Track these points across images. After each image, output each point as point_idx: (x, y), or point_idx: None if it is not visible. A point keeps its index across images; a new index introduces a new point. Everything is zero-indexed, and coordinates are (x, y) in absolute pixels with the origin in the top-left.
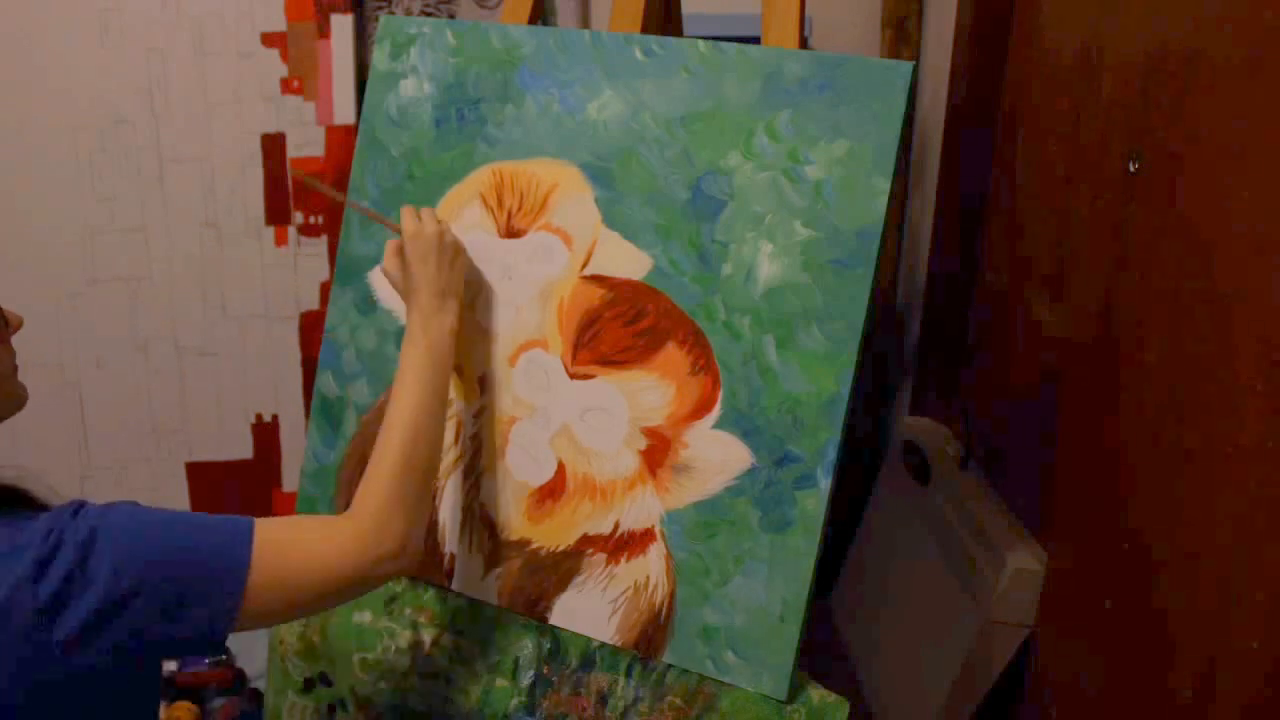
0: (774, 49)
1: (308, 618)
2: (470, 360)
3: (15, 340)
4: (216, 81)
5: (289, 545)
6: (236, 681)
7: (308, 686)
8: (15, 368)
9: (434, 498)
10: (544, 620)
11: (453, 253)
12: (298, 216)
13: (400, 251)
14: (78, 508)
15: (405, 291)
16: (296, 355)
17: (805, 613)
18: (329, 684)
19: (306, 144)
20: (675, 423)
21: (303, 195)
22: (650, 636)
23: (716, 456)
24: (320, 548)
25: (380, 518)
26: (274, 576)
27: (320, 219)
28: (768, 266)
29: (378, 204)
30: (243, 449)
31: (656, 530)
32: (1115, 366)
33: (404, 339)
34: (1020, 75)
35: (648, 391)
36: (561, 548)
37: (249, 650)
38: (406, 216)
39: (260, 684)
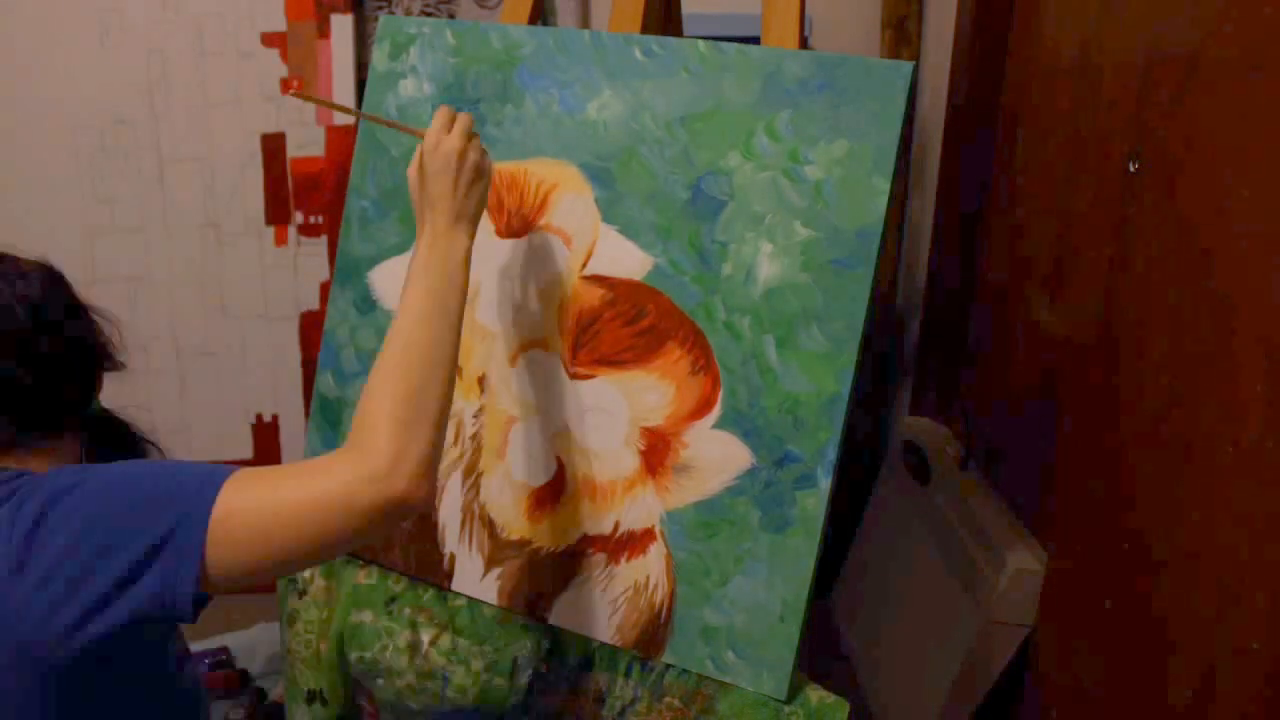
0: (774, 49)
1: (314, 567)
2: (470, 360)
3: None
4: (216, 81)
5: (269, 489)
6: (241, 683)
7: (309, 699)
8: None
9: (443, 427)
10: (544, 620)
11: (472, 174)
12: (298, 216)
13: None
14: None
15: (418, 206)
16: (296, 355)
17: (805, 613)
18: (324, 703)
19: (306, 144)
20: (675, 423)
21: (303, 195)
22: (650, 636)
23: (716, 456)
24: (316, 488)
25: (387, 446)
26: (251, 525)
27: (320, 219)
28: (768, 266)
29: (377, 204)
30: (243, 449)
31: (656, 530)
32: (1115, 366)
33: (411, 259)
34: (1020, 75)
35: (648, 391)
36: (561, 548)
37: (249, 650)
38: (436, 122)
39: (264, 683)
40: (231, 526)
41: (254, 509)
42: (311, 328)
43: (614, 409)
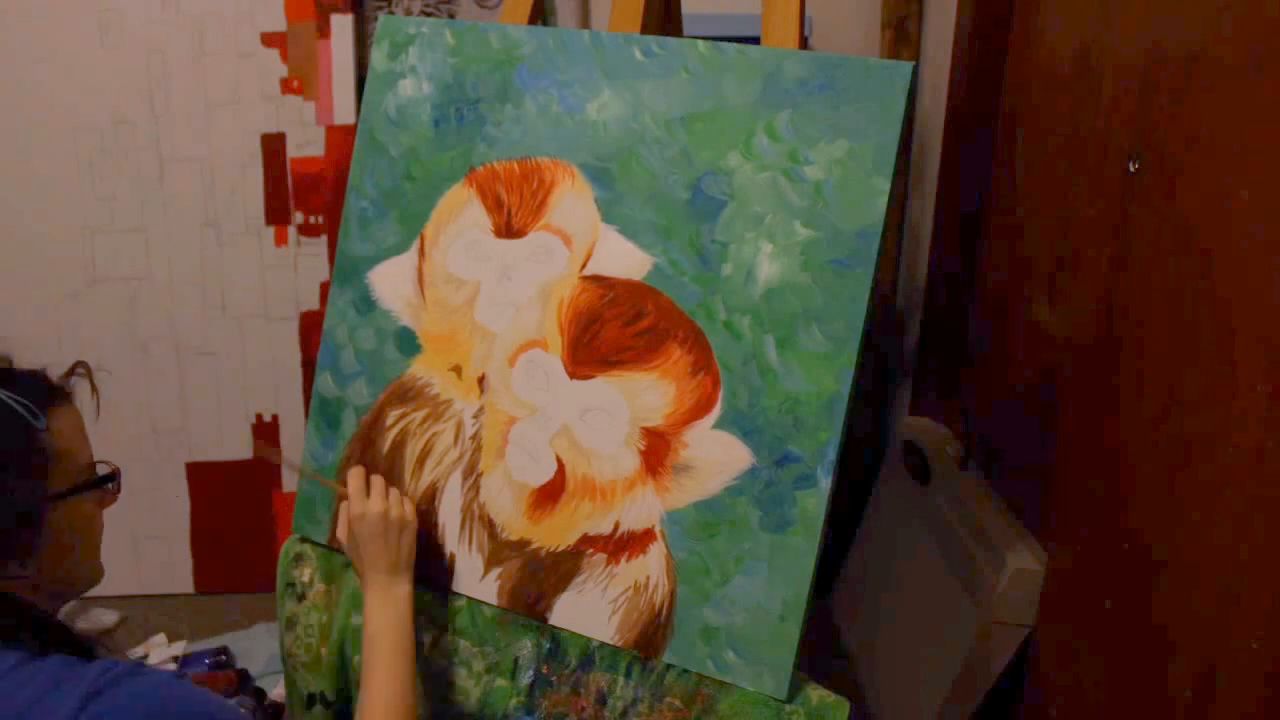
0: (774, 49)
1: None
2: (470, 360)
3: (15, 339)
4: (216, 81)
5: None
6: (241, 683)
7: (310, 703)
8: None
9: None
10: (544, 620)
11: (399, 529)
12: (298, 216)
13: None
14: (115, 676)
15: (357, 566)
16: (296, 355)
17: (805, 612)
18: (327, 704)
19: (306, 144)
20: (675, 423)
21: (303, 195)
22: (650, 636)
23: (717, 456)
24: None
25: None
26: None
27: (320, 219)
28: (768, 266)
29: (377, 204)
30: (243, 449)
31: (656, 530)
32: (1115, 366)
33: (365, 614)
34: (1020, 75)
35: (647, 391)
36: (561, 548)
37: (249, 651)
38: (353, 487)
39: (264, 683)
40: None
41: None
42: (311, 328)
43: (614, 409)
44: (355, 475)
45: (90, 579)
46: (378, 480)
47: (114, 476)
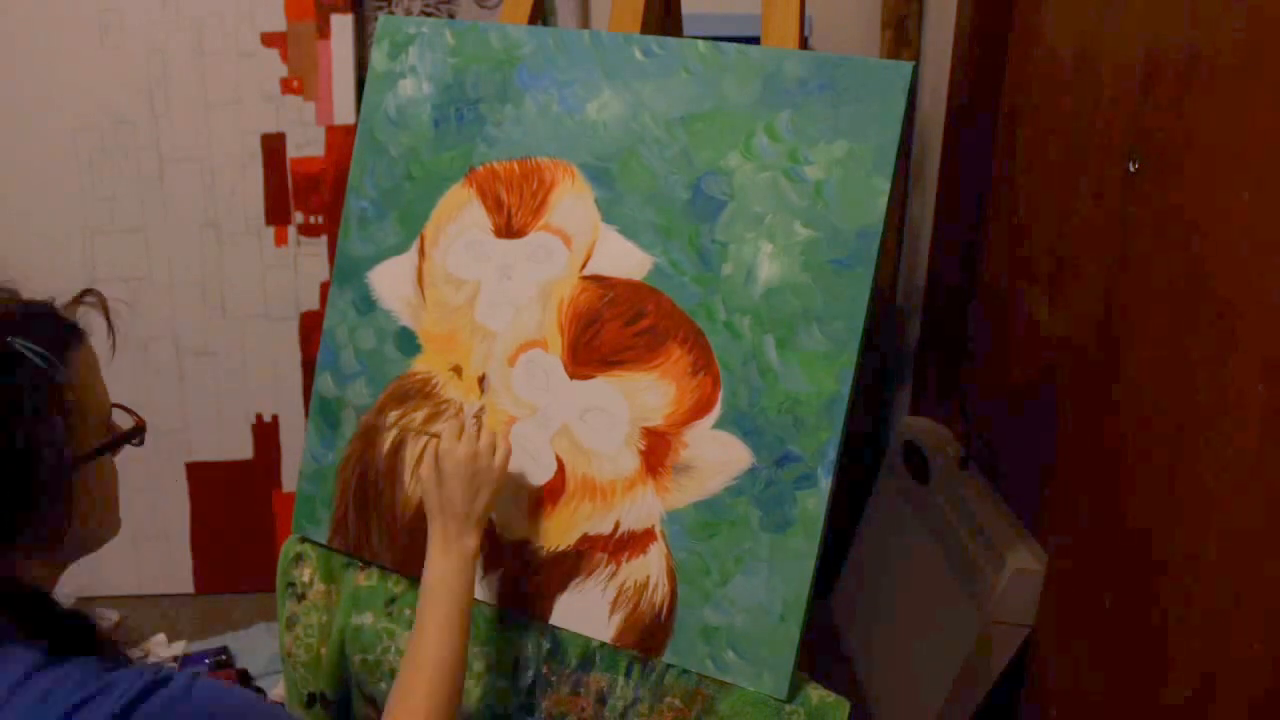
0: (774, 49)
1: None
2: (470, 360)
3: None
4: (216, 81)
5: None
6: (241, 683)
7: (309, 702)
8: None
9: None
10: (544, 620)
11: (482, 479)
12: (298, 216)
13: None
14: (158, 682)
15: (427, 506)
16: (296, 355)
17: (805, 612)
18: (327, 704)
19: (307, 144)
20: (675, 423)
21: (303, 195)
22: (650, 636)
23: (717, 456)
24: None
25: None
26: None
27: (320, 219)
28: (768, 266)
29: (376, 204)
30: (243, 449)
31: (657, 530)
32: (1115, 366)
33: (426, 561)
34: (1020, 75)
35: (647, 391)
36: (561, 548)
37: (249, 651)
38: (448, 431)
39: (264, 683)
40: None
41: None
42: (311, 328)
43: (614, 409)
44: (452, 425)
45: (111, 533)
46: (476, 425)
47: (142, 429)
